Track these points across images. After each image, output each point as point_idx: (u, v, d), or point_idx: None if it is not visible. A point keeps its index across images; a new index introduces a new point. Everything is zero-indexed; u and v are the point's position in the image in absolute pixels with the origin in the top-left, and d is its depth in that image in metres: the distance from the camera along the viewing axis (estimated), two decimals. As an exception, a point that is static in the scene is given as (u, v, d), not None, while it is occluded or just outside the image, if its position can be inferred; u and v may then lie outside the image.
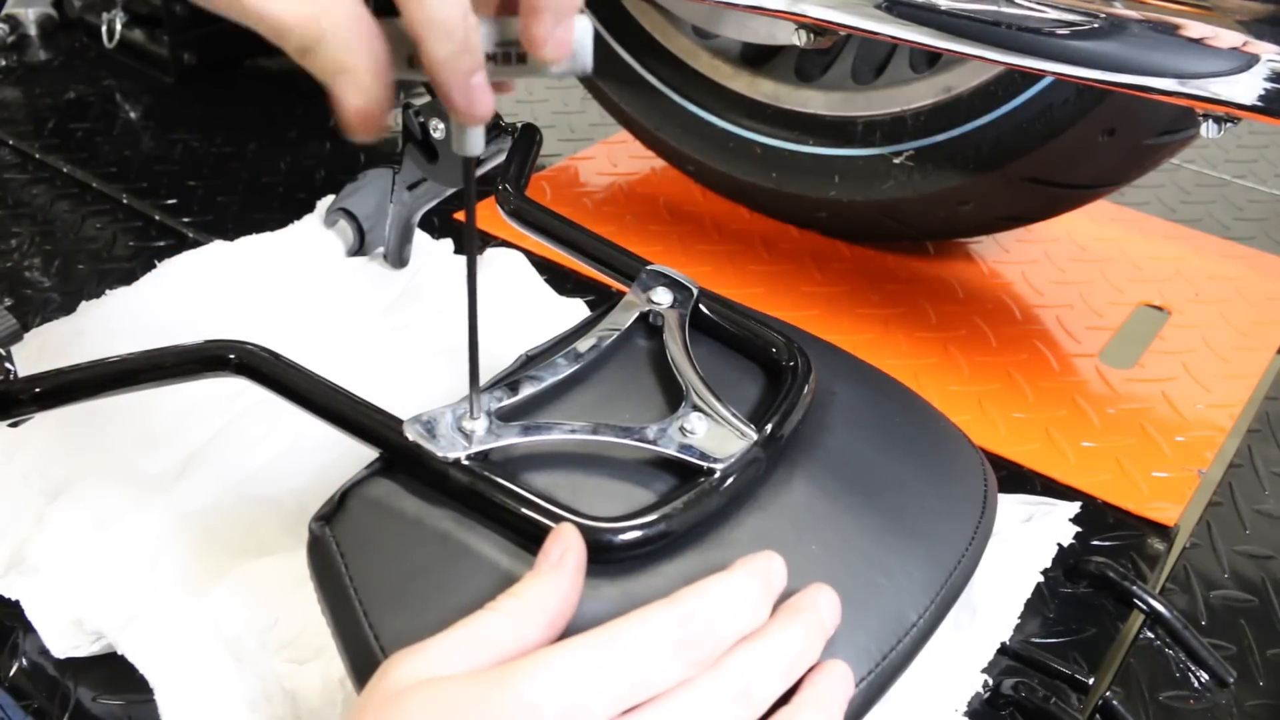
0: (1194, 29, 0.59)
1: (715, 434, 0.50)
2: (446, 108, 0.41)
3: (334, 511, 0.48)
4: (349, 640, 0.45)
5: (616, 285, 0.61)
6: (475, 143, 0.43)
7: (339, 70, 0.40)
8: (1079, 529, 0.66)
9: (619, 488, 0.49)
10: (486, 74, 0.41)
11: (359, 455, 0.50)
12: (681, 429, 0.50)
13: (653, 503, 0.47)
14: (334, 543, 0.47)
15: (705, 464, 0.48)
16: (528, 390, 0.52)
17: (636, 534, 0.45)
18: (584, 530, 0.45)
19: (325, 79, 0.41)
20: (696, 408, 0.51)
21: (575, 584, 0.43)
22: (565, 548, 0.43)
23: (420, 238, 0.86)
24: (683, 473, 0.49)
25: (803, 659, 0.43)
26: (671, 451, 0.49)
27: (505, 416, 0.50)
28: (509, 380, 0.53)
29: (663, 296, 0.58)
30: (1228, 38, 0.59)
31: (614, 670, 0.39)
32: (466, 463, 0.47)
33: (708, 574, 0.45)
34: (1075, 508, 0.67)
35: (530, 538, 0.45)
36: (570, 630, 0.42)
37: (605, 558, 0.45)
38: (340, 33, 0.40)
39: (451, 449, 0.47)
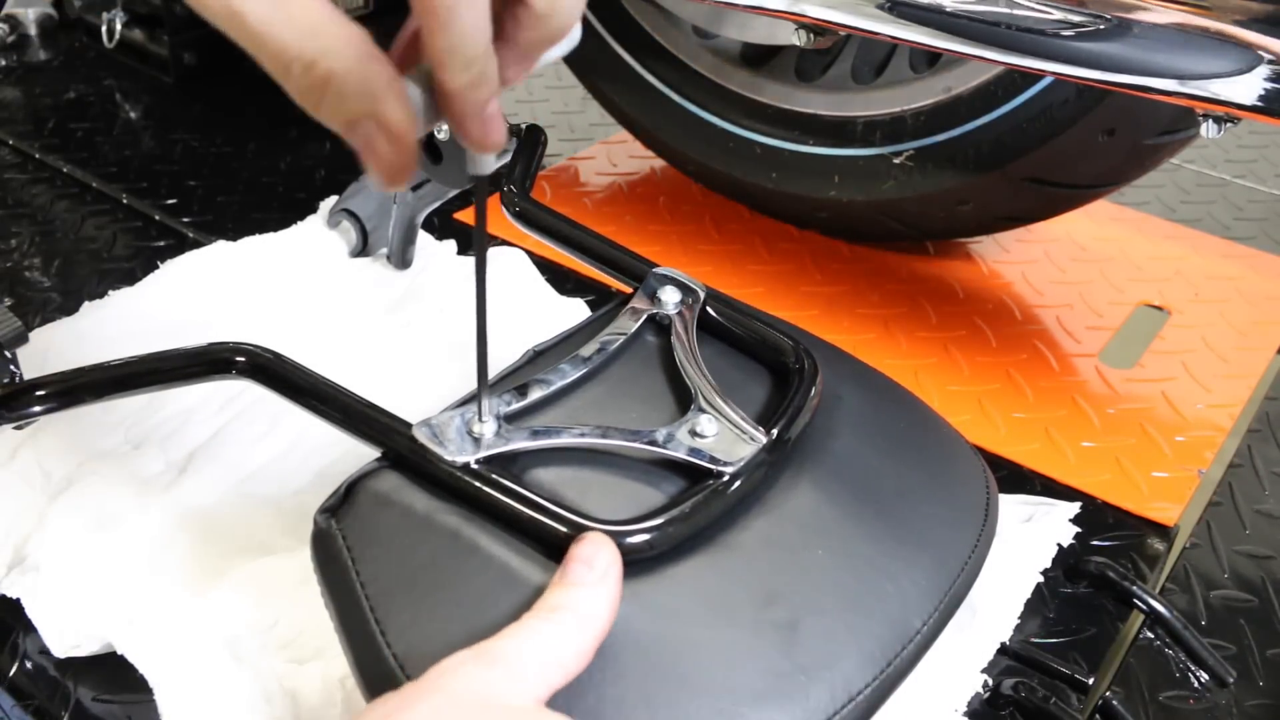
0: (1194, 29, 0.59)
1: (725, 437, 0.50)
2: (461, 136, 0.41)
3: (340, 504, 0.48)
4: (353, 635, 0.45)
5: (620, 286, 0.61)
6: (487, 162, 0.43)
7: (355, 117, 0.37)
8: (1079, 529, 0.66)
9: (627, 490, 0.49)
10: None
11: (360, 455, 0.50)
12: (691, 432, 0.50)
13: (662, 505, 0.47)
14: (340, 536, 0.47)
15: (715, 467, 0.48)
16: (536, 393, 0.52)
17: (646, 536, 0.45)
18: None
19: (340, 129, 0.37)
20: (705, 410, 0.51)
21: (619, 597, 0.43)
22: (610, 561, 0.43)
23: (423, 239, 0.86)
24: (691, 475, 0.49)
25: None
26: (681, 455, 0.49)
27: (513, 419, 0.50)
28: (517, 383, 0.52)
29: (670, 298, 0.58)
30: (1228, 38, 0.59)
31: None
32: (475, 466, 0.47)
33: (715, 576, 0.45)
34: (1075, 508, 0.67)
35: (540, 541, 0.45)
36: None
37: None
38: (353, 74, 0.35)
39: (460, 453, 0.47)
